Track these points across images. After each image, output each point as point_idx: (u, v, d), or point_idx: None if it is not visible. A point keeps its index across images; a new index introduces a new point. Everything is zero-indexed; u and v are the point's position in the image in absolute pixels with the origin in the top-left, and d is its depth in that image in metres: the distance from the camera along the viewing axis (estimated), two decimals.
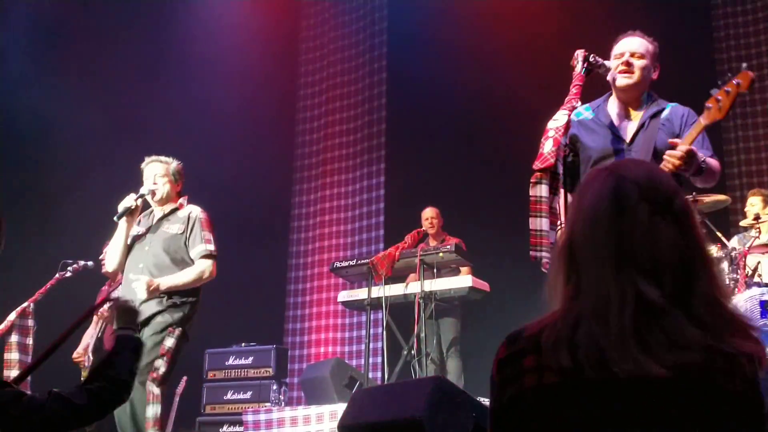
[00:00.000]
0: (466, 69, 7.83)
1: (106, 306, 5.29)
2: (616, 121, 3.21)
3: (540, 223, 2.77)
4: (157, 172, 4.33)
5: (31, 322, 5.19)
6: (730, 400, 1.26)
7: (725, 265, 4.71)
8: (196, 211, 4.31)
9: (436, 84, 7.95)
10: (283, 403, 6.50)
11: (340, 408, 4.64)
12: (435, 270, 5.97)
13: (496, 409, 1.36)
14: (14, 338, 5.13)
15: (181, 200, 4.37)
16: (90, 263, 5.62)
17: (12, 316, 5.13)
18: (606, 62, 3.18)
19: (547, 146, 2.84)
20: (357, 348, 7.85)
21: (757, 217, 5.29)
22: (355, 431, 3.50)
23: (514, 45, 7.60)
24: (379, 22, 8.55)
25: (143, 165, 4.39)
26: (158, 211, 4.35)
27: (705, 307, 1.31)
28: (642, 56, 3.15)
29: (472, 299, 6.10)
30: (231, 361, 6.72)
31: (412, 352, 5.80)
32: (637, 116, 3.18)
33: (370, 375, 6.21)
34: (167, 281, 4.10)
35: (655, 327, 1.28)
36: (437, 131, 8.03)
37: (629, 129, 3.17)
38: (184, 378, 5.99)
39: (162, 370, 3.99)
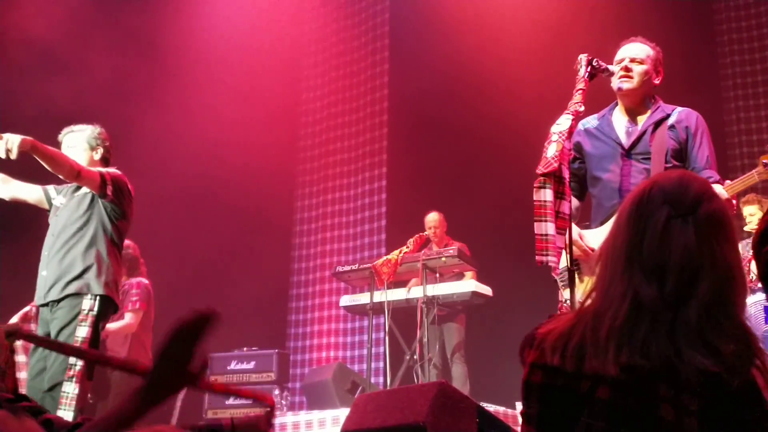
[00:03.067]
0: (470, 73, 7.81)
1: None
2: (618, 128, 3.28)
3: (545, 228, 2.76)
4: (68, 144, 3.97)
5: (33, 326, 5.17)
6: (667, 412, 1.29)
7: None
8: (111, 170, 3.88)
9: (439, 88, 7.95)
10: (284, 408, 6.48)
11: (343, 413, 4.62)
12: (438, 275, 5.95)
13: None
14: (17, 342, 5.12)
15: (102, 168, 3.87)
16: None
17: (14, 319, 5.12)
18: (609, 66, 3.23)
19: (551, 150, 2.83)
20: (359, 353, 7.82)
21: None
22: None
23: (518, 47, 7.59)
24: (381, 27, 8.55)
25: (59, 137, 4.01)
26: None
27: (700, 314, 1.33)
28: (642, 61, 3.22)
29: (475, 304, 6.08)
30: (233, 366, 6.70)
31: (415, 357, 5.78)
32: (640, 122, 3.24)
33: (372, 380, 6.20)
34: (43, 146, 3.60)
35: (640, 328, 1.34)
36: (439, 135, 8.02)
37: (630, 135, 3.22)
38: None
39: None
